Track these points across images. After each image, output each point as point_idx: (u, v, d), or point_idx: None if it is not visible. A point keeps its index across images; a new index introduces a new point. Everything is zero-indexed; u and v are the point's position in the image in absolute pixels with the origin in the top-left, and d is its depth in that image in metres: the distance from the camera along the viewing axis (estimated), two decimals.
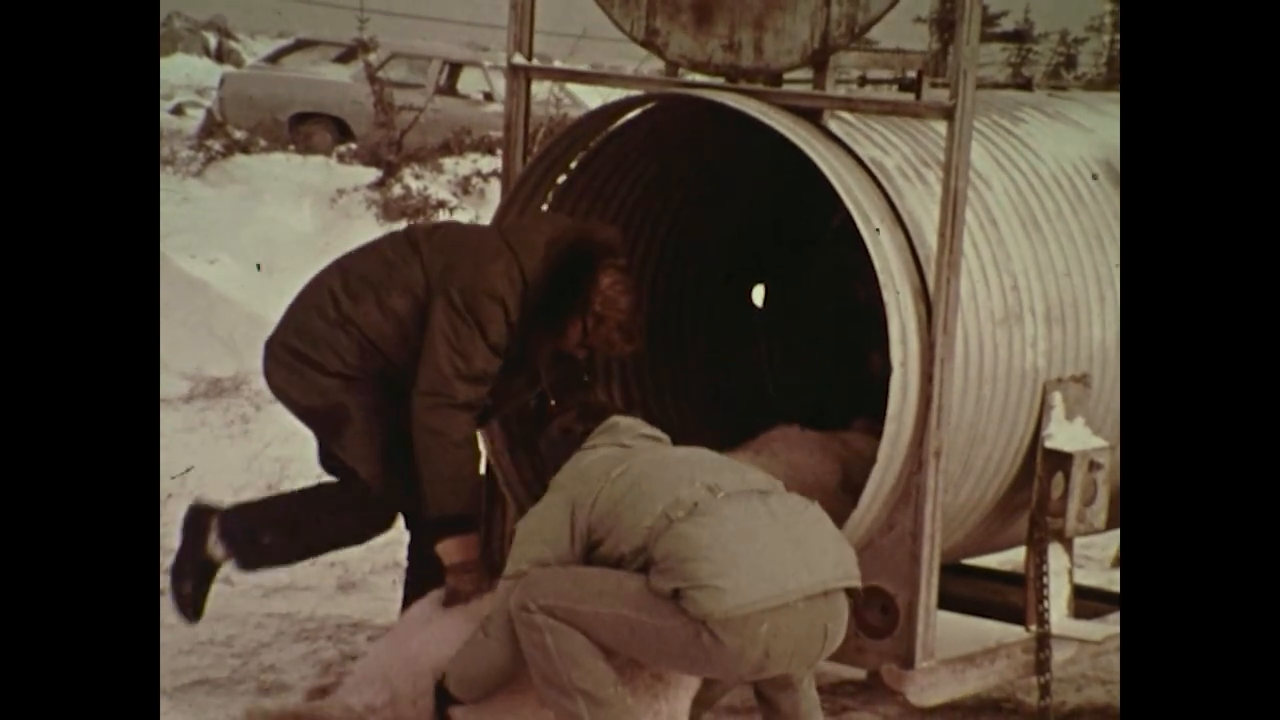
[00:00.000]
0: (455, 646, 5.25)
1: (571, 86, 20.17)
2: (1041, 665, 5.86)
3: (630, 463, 5.11)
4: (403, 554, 7.57)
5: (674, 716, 5.25)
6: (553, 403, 5.74)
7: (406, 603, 5.91)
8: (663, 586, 4.85)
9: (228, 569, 6.42)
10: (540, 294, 5.60)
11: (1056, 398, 5.80)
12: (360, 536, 5.88)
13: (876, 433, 5.65)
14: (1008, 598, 6.33)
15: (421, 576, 5.82)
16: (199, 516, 5.91)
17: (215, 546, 5.83)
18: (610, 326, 5.65)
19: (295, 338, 5.73)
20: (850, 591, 5.05)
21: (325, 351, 5.67)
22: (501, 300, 5.56)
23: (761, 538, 4.92)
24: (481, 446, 5.89)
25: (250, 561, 5.95)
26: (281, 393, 5.78)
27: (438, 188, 14.99)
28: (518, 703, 5.13)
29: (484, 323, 5.54)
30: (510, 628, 5.04)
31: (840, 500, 5.92)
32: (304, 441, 8.64)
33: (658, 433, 5.39)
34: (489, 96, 21.15)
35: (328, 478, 5.95)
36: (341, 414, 5.67)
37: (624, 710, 5.00)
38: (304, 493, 5.96)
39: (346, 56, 22.18)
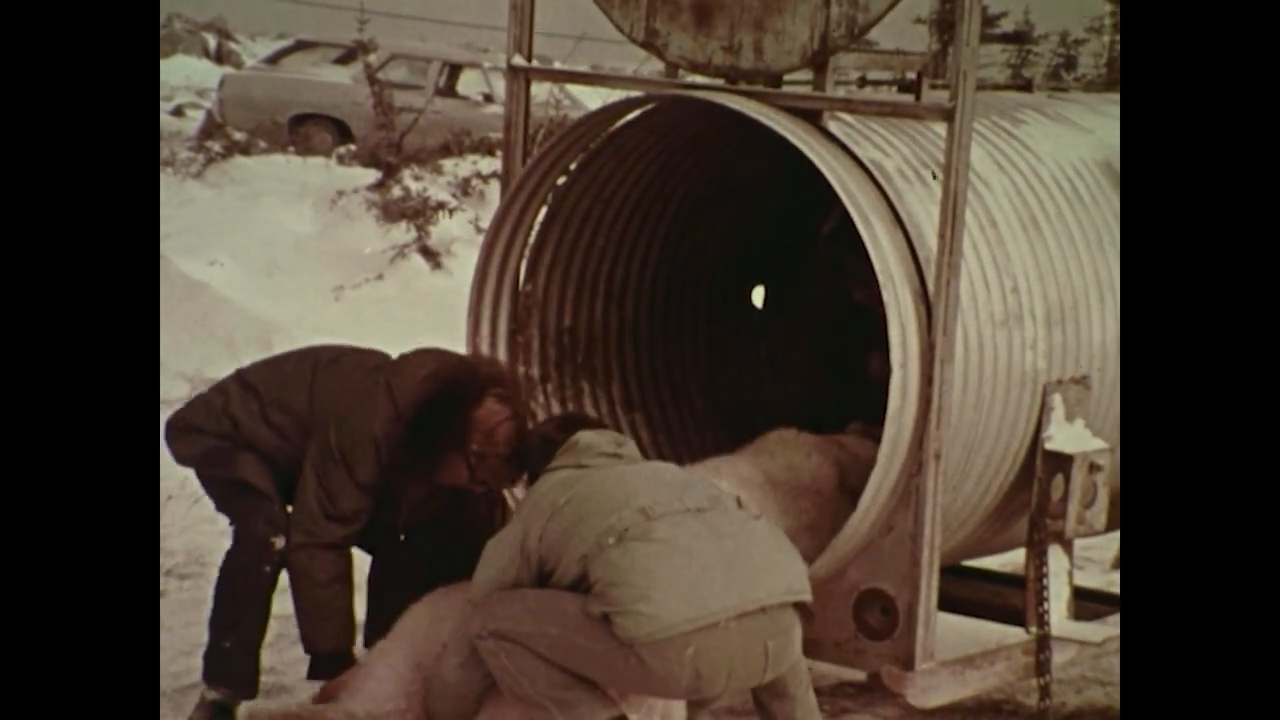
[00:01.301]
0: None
1: (571, 88, 20.17)
2: (1041, 667, 5.86)
3: (578, 489, 5.14)
4: None
5: (668, 713, 5.25)
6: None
7: (370, 624, 5.94)
8: (594, 609, 4.90)
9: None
10: (412, 431, 5.61)
11: (1056, 399, 5.80)
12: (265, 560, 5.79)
13: (873, 435, 5.65)
14: (1008, 599, 6.33)
15: (385, 595, 5.88)
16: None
17: (210, 692, 5.78)
18: (493, 460, 5.63)
19: (181, 420, 5.93)
20: (800, 606, 5.05)
21: (209, 422, 5.85)
22: (374, 440, 5.60)
23: (689, 559, 4.93)
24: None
25: (235, 671, 5.81)
26: (181, 456, 5.92)
27: (437, 189, 14.98)
28: (502, 716, 5.17)
29: (353, 463, 5.59)
30: (471, 650, 5.13)
31: (838, 502, 5.92)
32: None
33: (621, 446, 5.37)
34: (489, 98, 21.14)
35: None
36: (228, 452, 5.80)
37: (589, 703, 5.03)
38: (216, 588, 5.89)
39: (346, 58, 22.17)
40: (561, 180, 6.16)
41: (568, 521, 5.05)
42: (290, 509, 5.72)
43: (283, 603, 6.93)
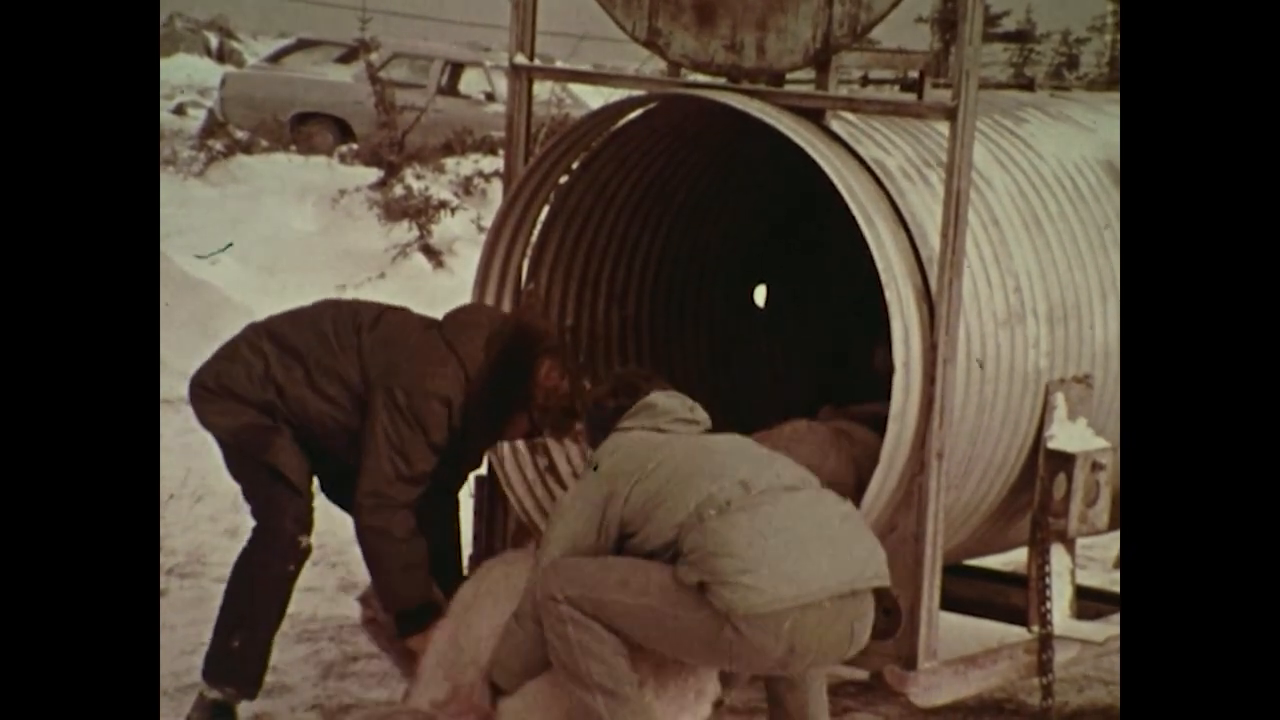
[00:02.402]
0: (498, 631, 5.25)
1: (573, 87, 20.17)
2: (1044, 666, 5.85)
3: (666, 454, 5.10)
4: None
5: (701, 690, 5.23)
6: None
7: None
8: (690, 578, 4.86)
9: (227, 570, 6.36)
10: (483, 392, 5.60)
11: (1059, 398, 5.79)
12: (291, 555, 5.73)
13: (849, 416, 5.61)
14: (1010, 598, 6.32)
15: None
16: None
17: (211, 691, 5.71)
18: (556, 414, 5.65)
19: (216, 380, 5.73)
20: (879, 592, 5.06)
21: (246, 385, 5.68)
22: (447, 402, 5.57)
23: (791, 536, 4.92)
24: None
25: (241, 669, 5.72)
26: (211, 424, 5.77)
27: (439, 188, 14.99)
28: (560, 693, 5.12)
29: (428, 425, 5.55)
30: (539, 617, 5.05)
31: (855, 498, 5.92)
32: None
33: (693, 411, 5.35)
34: (490, 97, 21.14)
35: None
36: (265, 430, 5.67)
37: (641, 709, 5.01)
38: (230, 583, 5.80)
39: (348, 57, 22.18)
40: (564, 179, 6.16)
41: (657, 486, 5.01)
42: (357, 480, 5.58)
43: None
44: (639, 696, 5.01)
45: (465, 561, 6.14)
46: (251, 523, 5.78)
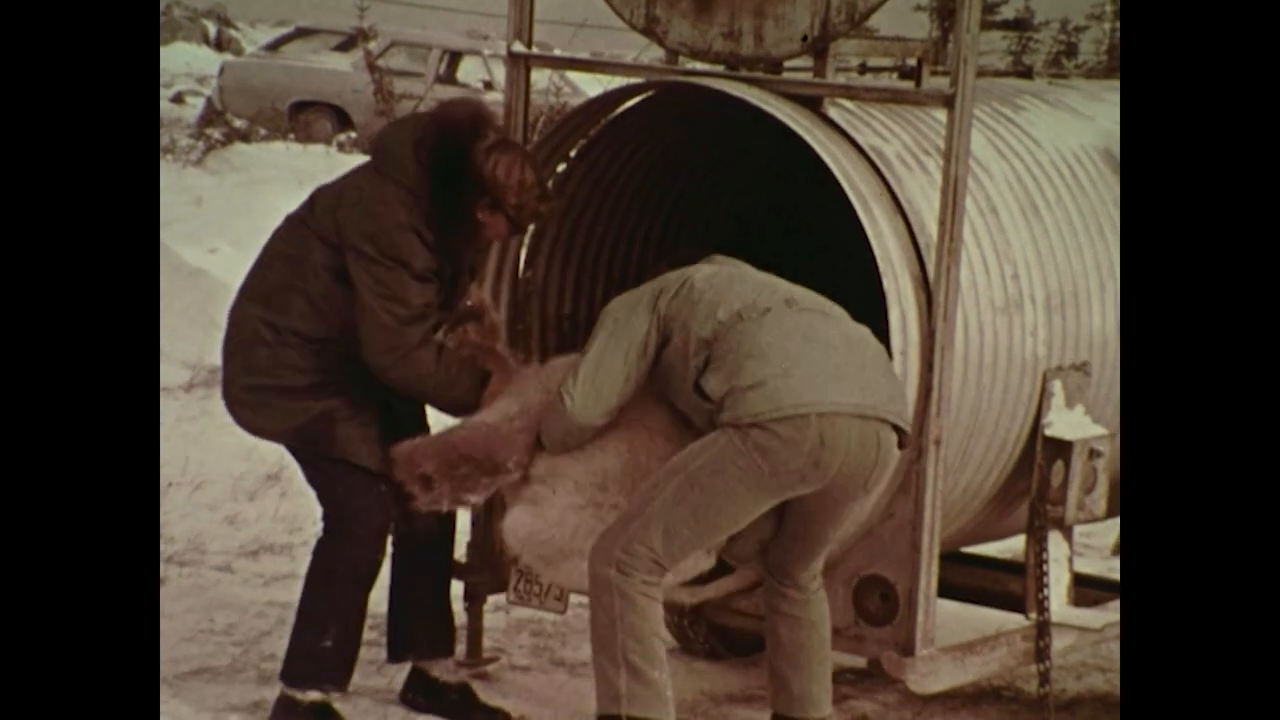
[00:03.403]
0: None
1: (571, 74, 20.15)
2: (1041, 653, 5.86)
3: (719, 269, 5.36)
4: None
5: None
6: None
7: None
8: (717, 390, 5.04)
9: (227, 558, 6.38)
10: (434, 198, 5.45)
11: (1056, 386, 5.80)
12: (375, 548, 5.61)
13: None
14: (1007, 586, 6.32)
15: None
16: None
17: (306, 694, 5.57)
18: (530, 204, 5.54)
19: (247, 375, 5.57)
20: (899, 432, 5.16)
21: (281, 372, 5.53)
22: (409, 227, 5.41)
23: (820, 350, 5.10)
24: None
25: (337, 667, 5.61)
26: (259, 429, 5.63)
27: None
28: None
29: (405, 258, 5.39)
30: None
31: None
32: None
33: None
34: (489, 85, 21.13)
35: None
36: (327, 419, 5.52)
37: (660, 698, 5.06)
38: (313, 581, 5.65)
39: (346, 45, 22.17)
40: (561, 167, 6.16)
41: (704, 285, 5.24)
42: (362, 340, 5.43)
43: (283, 591, 6.95)
44: (662, 685, 5.05)
45: (464, 549, 6.15)
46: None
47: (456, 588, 6.04)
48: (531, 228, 5.91)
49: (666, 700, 5.08)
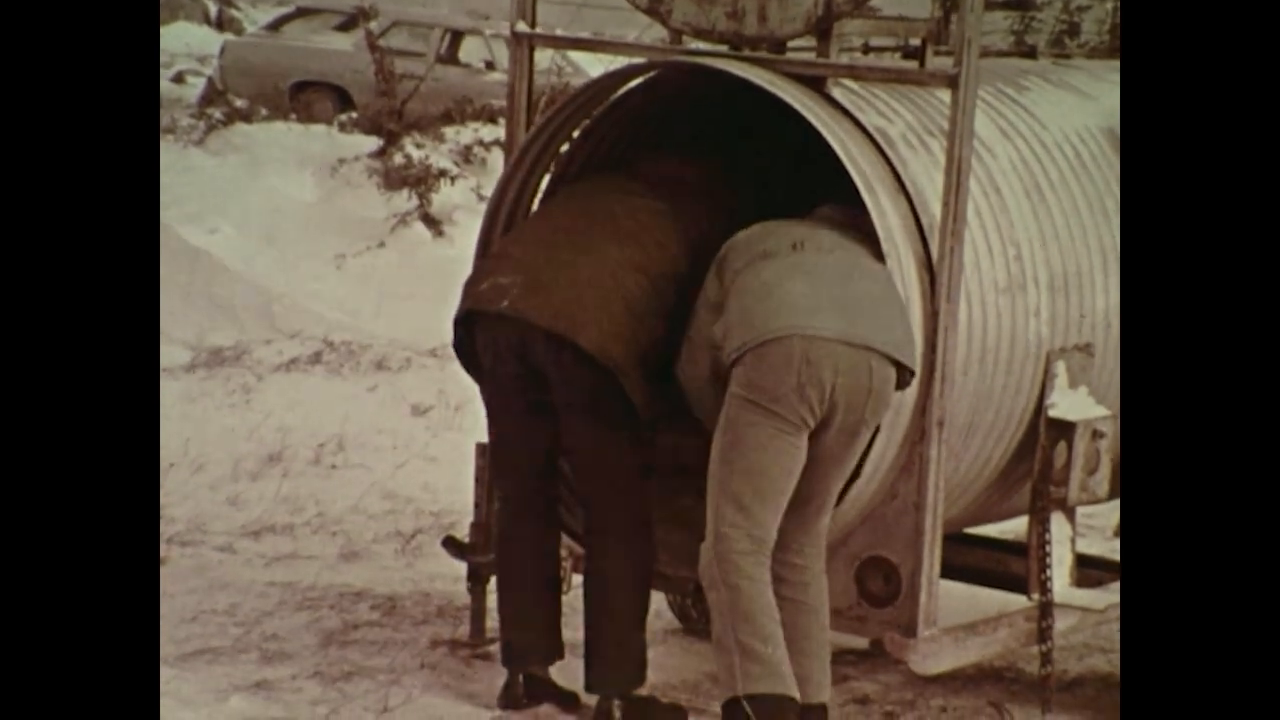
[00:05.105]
0: None
1: (574, 54, 20.10)
2: (1043, 634, 5.86)
3: (764, 225, 5.53)
4: (404, 523, 7.59)
5: None
6: None
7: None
8: (717, 332, 5.27)
9: (228, 538, 6.36)
10: None
11: (1060, 367, 5.79)
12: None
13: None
14: (1010, 567, 6.33)
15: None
16: None
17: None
18: None
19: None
20: (899, 368, 5.23)
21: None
22: None
23: (806, 282, 5.25)
24: None
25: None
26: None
27: (439, 156, 14.94)
28: None
29: None
30: None
31: None
32: (306, 411, 8.66)
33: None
34: (490, 65, 21.08)
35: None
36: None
37: (775, 672, 5.16)
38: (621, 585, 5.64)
39: (347, 24, 22.10)
40: (565, 148, 6.14)
41: (729, 248, 5.46)
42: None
43: (284, 571, 6.95)
44: (777, 660, 5.17)
45: (467, 529, 6.15)
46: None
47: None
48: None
49: (783, 675, 5.19)
